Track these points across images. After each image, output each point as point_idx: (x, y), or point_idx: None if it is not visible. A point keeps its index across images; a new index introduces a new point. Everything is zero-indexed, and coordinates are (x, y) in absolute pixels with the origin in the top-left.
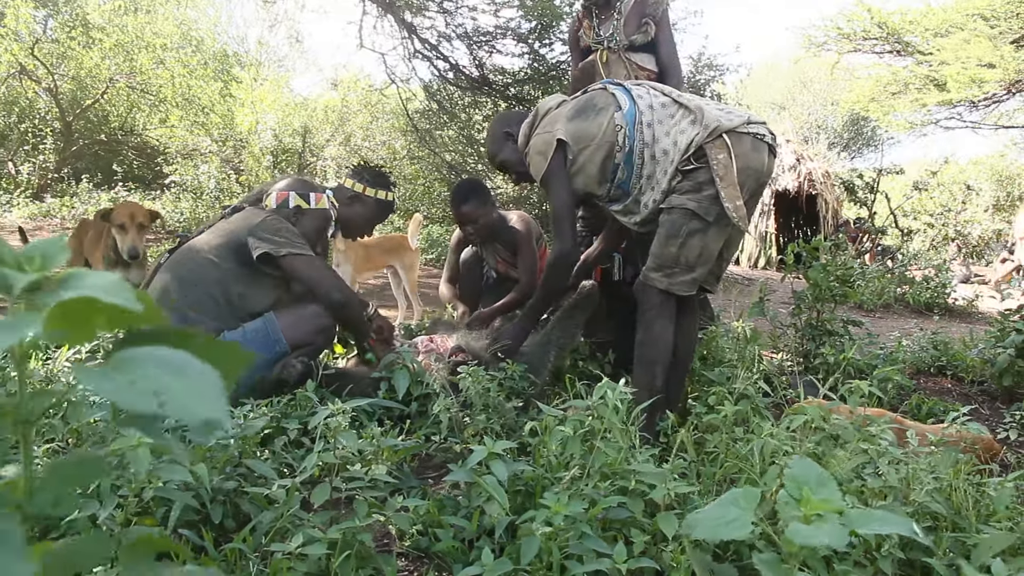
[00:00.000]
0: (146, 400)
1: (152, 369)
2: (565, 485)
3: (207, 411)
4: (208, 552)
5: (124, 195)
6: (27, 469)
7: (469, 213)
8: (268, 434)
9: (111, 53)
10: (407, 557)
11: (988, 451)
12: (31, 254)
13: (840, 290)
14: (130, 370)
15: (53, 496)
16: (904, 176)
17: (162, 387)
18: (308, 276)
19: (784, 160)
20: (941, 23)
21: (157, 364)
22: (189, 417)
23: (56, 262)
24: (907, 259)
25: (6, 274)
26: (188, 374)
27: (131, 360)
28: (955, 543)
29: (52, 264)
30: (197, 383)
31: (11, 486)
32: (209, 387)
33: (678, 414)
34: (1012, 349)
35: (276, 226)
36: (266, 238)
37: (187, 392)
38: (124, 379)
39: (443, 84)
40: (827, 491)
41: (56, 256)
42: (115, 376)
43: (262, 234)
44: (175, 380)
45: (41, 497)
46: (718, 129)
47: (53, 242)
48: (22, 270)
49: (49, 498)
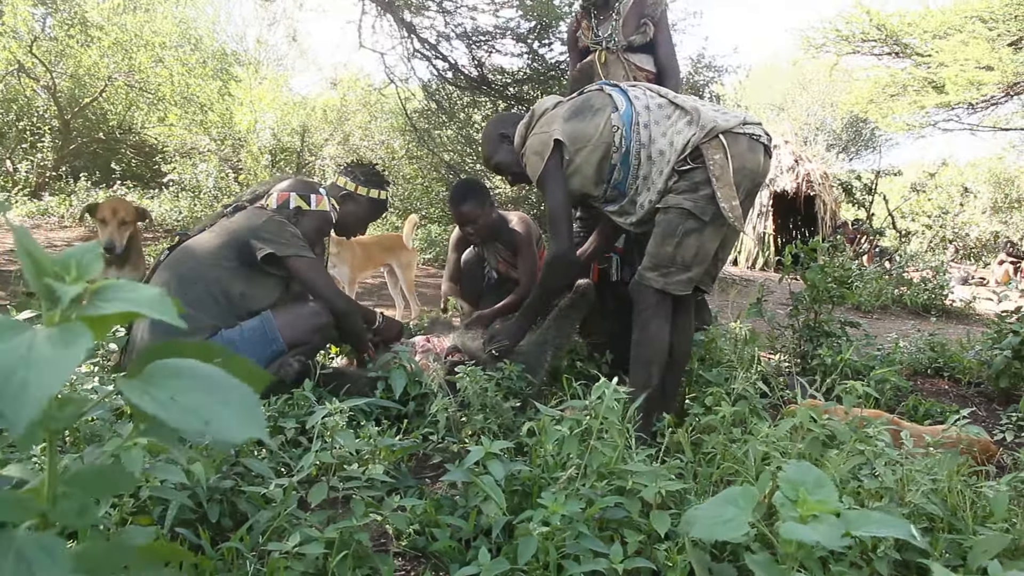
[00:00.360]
0: (192, 419)
1: (186, 384)
2: (562, 485)
3: (250, 432)
4: (205, 551)
5: (122, 193)
6: (51, 477)
7: (468, 213)
8: None
9: (110, 51)
10: (404, 557)
11: (985, 453)
12: (67, 263)
13: (838, 291)
14: (167, 385)
15: (78, 505)
16: (902, 178)
17: (204, 407)
18: (311, 281)
19: (783, 161)
20: (939, 25)
21: (190, 379)
22: (233, 438)
23: (92, 270)
24: (904, 260)
25: (54, 287)
26: (224, 392)
27: (166, 374)
28: (951, 544)
29: (88, 273)
30: (237, 402)
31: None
32: (248, 406)
33: (675, 414)
34: (1009, 351)
35: (280, 228)
36: (270, 239)
37: (230, 412)
38: (164, 394)
39: (442, 84)
40: (824, 492)
41: (92, 264)
42: (154, 391)
43: (265, 235)
44: (214, 399)
45: (66, 506)
46: (714, 130)
47: (88, 249)
48: (62, 280)
49: (74, 507)
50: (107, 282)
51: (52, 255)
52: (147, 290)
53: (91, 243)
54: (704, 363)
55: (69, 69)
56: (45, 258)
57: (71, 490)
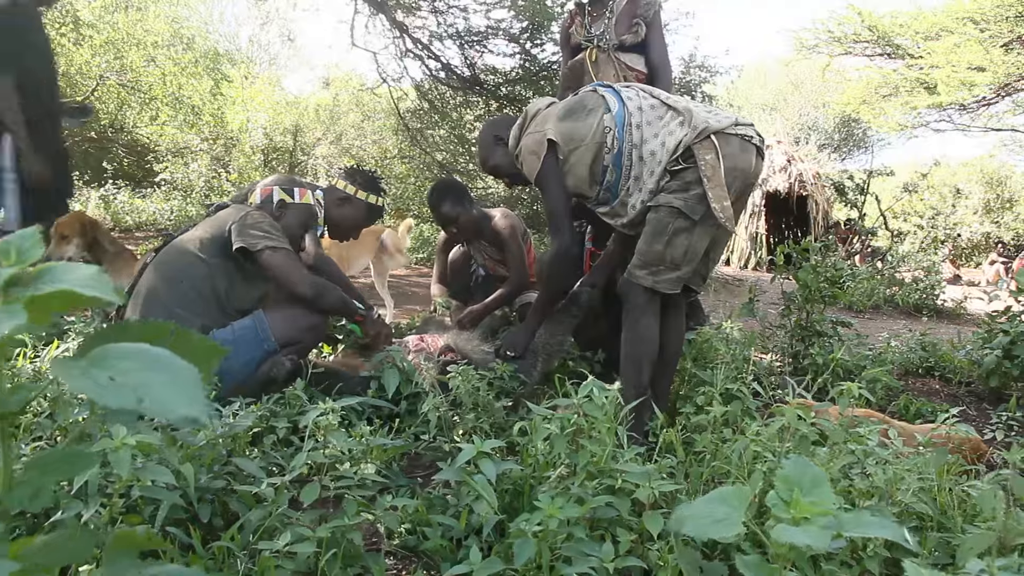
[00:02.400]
0: (126, 397)
1: (130, 365)
2: (552, 484)
3: (186, 408)
4: (196, 550)
5: (113, 193)
6: (6, 463)
7: (448, 214)
8: (257, 433)
9: (101, 50)
10: (395, 556)
11: (975, 452)
12: (7, 248)
13: (829, 291)
14: (108, 366)
15: (32, 489)
16: (894, 178)
17: (141, 384)
18: (279, 272)
19: (775, 161)
20: (931, 26)
21: (135, 360)
22: (169, 414)
23: (32, 256)
24: (896, 260)
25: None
26: (167, 370)
27: (109, 355)
28: (940, 543)
29: (28, 258)
30: (176, 380)
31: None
32: (187, 383)
33: (667, 414)
34: (999, 351)
35: (256, 221)
36: (244, 232)
37: (166, 389)
38: (103, 375)
39: (434, 83)
40: (819, 492)
41: (31, 250)
42: (94, 372)
43: (241, 228)
44: (154, 377)
45: (20, 491)
46: (706, 130)
47: (28, 236)
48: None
49: (28, 491)
50: (48, 265)
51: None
52: (85, 270)
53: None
54: (697, 363)
55: (60, 68)
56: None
57: (30, 474)
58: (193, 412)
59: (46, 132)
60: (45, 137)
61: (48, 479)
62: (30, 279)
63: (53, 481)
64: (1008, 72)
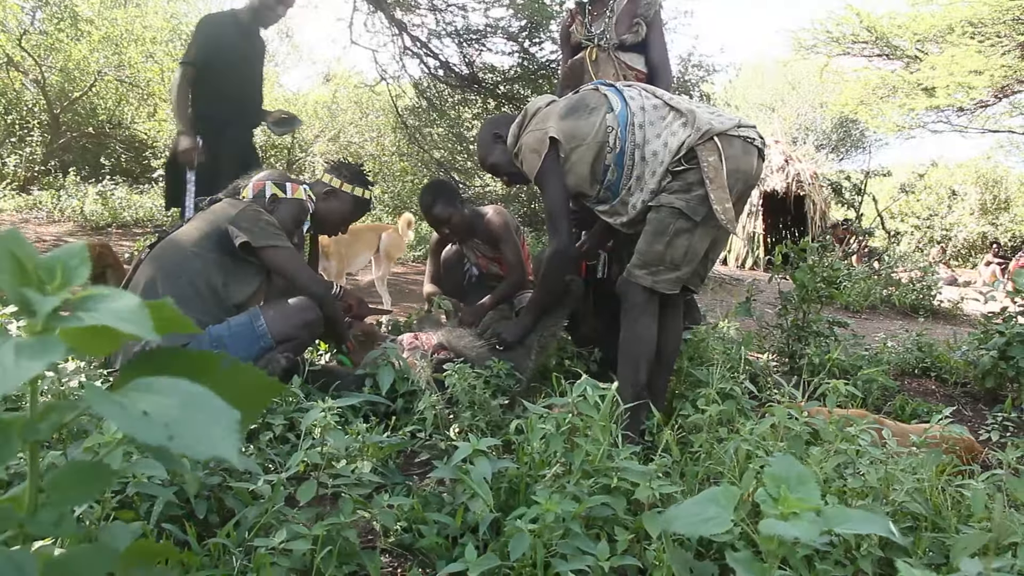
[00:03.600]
0: (157, 434)
1: (167, 401)
2: (548, 482)
3: (216, 450)
4: (191, 547)
5: (111, 188)
6: (32, 486)
7: (440, 215)
8: (253, 430)
9: (100, 46)
10: (391, 553)
11: (969, 452)
12: (52, 267)
13: (826, 291)
14: (144, 399)
15: (57, 514)
16: (892, 178)
17: (174, 421)
18: (287, 269)
19: (773, 161)
20: (929, 28)
21: (173, 395)
22: (198, 454)
23: (79, 276)
24: (893, 261)
25: (31, 298)
26: (203, 410)
27: (147, 388)
28: (934, 543)
29: (74, 280)
30: (211, 420)
31: (14, 502)
32: (222, 425)
33: (663, 413)
34: (995, 351)
35: (256, 216)
36: (246, 228)
37: (199, 429)
38: (137, 409)
39: (433, 81)
40: (806, 489)
41: (78, 270)
42: (128, 405)
43: (242, 223)
44: (189, 415)
45: (44, 515)
46: (709, 132)
47: (74, 253)
48: (43, 289)
49: (52, 516)
50: (92, 291)
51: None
52: (125, 302)
53: (78, 244)
54: (693, 362)
55: (59, 63)
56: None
57: (52, 496)
58: (222, 453)
59: (229, 135)
60: (223, 139)
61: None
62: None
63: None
64: (1005, 75)
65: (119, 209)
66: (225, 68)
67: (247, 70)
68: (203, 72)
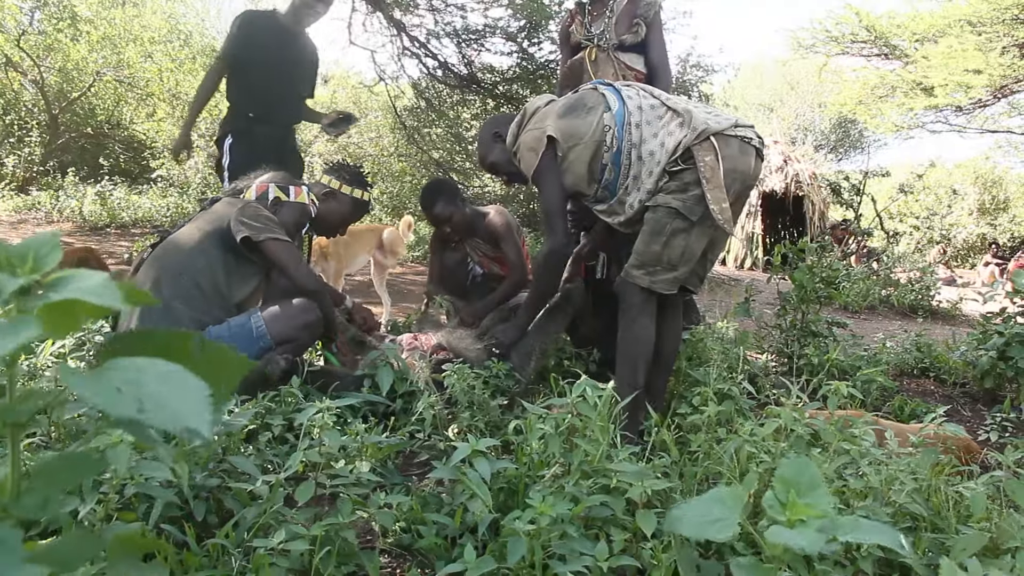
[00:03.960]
0: (127, 406)
1: (140, 377)
2: (547, 483)
3: (188, 422)
4: (190, 548)
5: (110, 189)
6: (14, 471)
7: (441, 214)
8: (252, 430)
9: (98, 46)
10: (390, 554)
11: (968, 452)
12: (23, 253)
13: (825, 291)
14: (118, 377)
15: (41, 498)
16: (890, 179)
17: (146, 396)
18: (285, 262)
19: (772, 161)
20: (928, 28)
21: (146, 373)
22: (170, 425)
23: (49, 263)
24: (892, 261)
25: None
26: (176, 385)
27: (120, 367)
28: (934, 543)
29: (45, 265)
30: (184, 394)
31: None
32: (194, 397)
33: (661, 413)
34: (994, 352)
35: (256, 212)
36: (246, 223)
37: (172, 402)
38: (110, 386)
39: (432, 82)
40: (815, 495)
41: (49, 256)
42: (102, 382)
43: (243, 219)
44: (161, 390)
45: (29, 499)
46: (706, 131)
47: (47, 240)
48: (14, 272)
49: (37, 500)
50: (62, 273)
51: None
52: (94, 278)
53: (50, 232)
54: (691, 362)
55: (57, 64)
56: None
57: (37, 481)
58: (195, 425)
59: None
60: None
61: (55, 487)
62: (43, 288)
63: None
64: (1004, 74)
65: (117, 209)
66: (255, 66)
67: (281, 70)
68: (235, 69)
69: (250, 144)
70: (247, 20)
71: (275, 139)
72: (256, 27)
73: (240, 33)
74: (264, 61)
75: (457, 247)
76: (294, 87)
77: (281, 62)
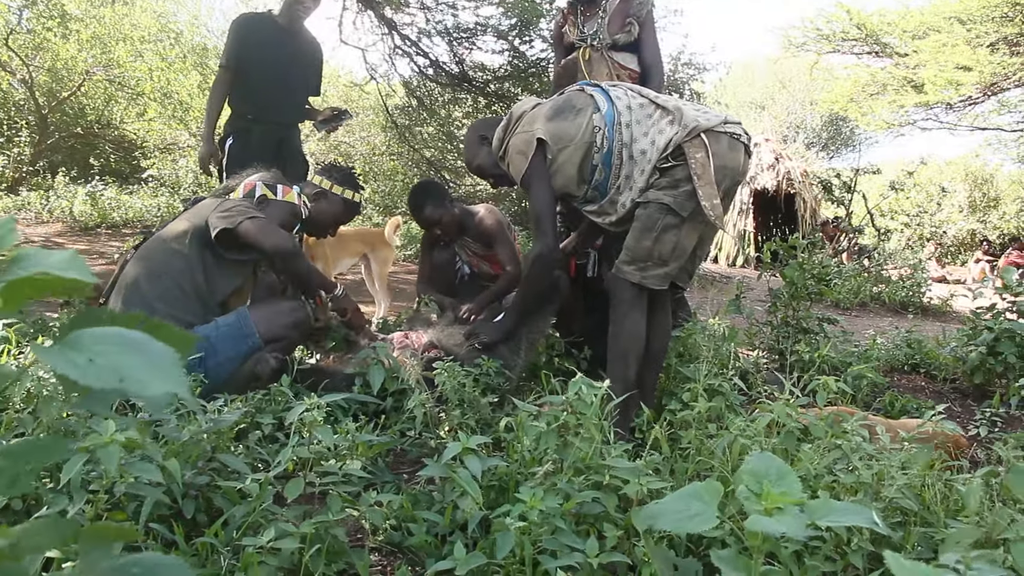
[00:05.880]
0: (106, 377)
1: (108, 348)
2: (539, 480)
3: (167, 386)
4: (179, 546)
5: (101, 188)
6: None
7: (430, 215)
8: (242, 429)
9: (88, 45)
10: (380, 552)
11: (957, 448)
12: None
13: (816, 288)
14: (87, 348)
15: (9, 477)
16: (881, 176)
17: (120, 364)
18: (255, 237)
19: (763, 159)
20: (918, 25)
21: (112, 343)
22: (150, 391)
23: (6, 243)
24: (883, 258)
25: None
26: (144, 352)
27: (85, 339)
28: (924, 538)
29: (3, 245)
30: (154, 360)
31: None
32: (166, 363)
33: (652, 409)
34: (983, 347)
35: (233, 204)
36: (223, 215)
37: (145, 369)
38: (81, 357)
39: (423, 80)
40: (786, 483)
41: (7, 237)
42: (73, 355)
43: (219, 213)
44: (132, 358)
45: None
46: (696, 128)
47: (2, 223)
48: None
49: (5, 479)
50: (24, 250)
51: None
52: (60, 254)
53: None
54: (682, 358)
55: (46, 63)
56: None
57: (5, 462)
58: (174, 388)
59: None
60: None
61: (23, 466)
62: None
63: (29, 468)
64: (994, 72)
65: (108, 210)
66: (251, 67)
67: (278, 70)
68: (235, 72)
69: (249, 145)
70: (242, 23)
71: (275, 139)
72: (251, 29)
73: (236, 37)
74: (261, 62)
75: (446, 246)
76: (293, 87)
77: (278, 62)
